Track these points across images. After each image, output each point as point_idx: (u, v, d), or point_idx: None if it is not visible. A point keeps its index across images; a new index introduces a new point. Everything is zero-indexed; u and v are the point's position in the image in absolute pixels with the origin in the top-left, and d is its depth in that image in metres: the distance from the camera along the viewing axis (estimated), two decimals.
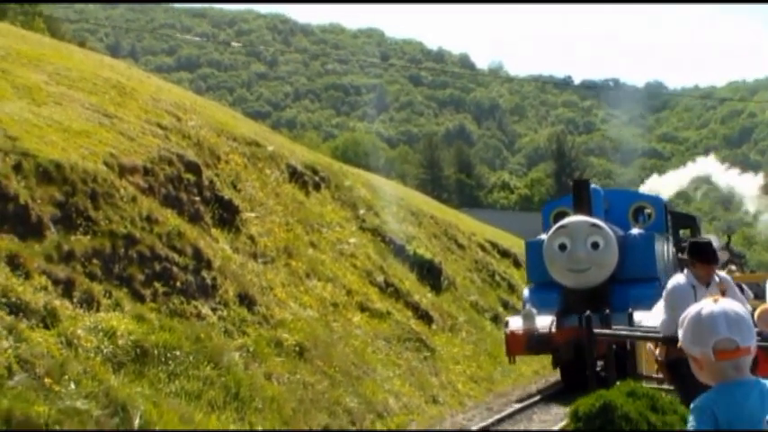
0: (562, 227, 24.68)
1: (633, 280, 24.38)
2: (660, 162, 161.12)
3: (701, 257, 13.82)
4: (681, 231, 34.58)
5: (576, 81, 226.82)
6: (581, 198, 24.95)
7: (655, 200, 30.88)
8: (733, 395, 4.46)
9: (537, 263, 25.74)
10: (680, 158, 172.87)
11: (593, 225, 24.31)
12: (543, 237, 25.83)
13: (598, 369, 22.44)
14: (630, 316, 22.02)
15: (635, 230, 26.97)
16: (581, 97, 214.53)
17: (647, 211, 29.21)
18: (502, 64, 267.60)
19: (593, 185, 27.13)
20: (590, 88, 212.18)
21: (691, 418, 4.51)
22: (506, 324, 25.37)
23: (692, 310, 4.74)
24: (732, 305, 4.76)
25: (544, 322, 23.81)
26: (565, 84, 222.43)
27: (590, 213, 24.66)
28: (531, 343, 23.95)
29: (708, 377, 4.59)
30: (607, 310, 21.42)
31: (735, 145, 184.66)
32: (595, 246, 24.03)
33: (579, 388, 20.25)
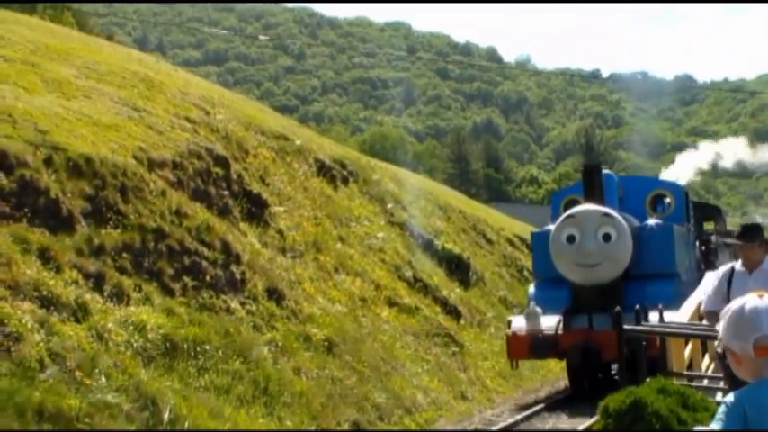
0: (570, 216, 22.33)
1: (650, 276, 22.34)
2: None
3: (737, 236, 13.75)
4: (704, 224, 32.40)
5: (605, 74, 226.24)
6: (592, 184, 22.61)
7: (674, 187, 27.74)
8: (765, 392, 4.43)
9: (543, 256, 23.40)
10: None
11: (605, 215, 21.96)
12: (551, 227, 23.41)
13: (613, 372, 22.22)
14: (639, 314, 18.51)
15: (652, 221, 24.29)
16: (609, 90, 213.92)
17: (667, 199, 26.26)
18: (529, 57, 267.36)
19: (606, 171, 24.80)
20: (618, 81, 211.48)
21: (719, 411, 4.49)
22: (509, 324, 23.13)
23: (735, 303, 4.69)
24: None
25: (550, 323, 21.79)
26: (593, 77, 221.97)
27: (602, 202, 22.40)
28: (535, 345, 21.87)
29: (745, 373, 4.56)
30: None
31: (765, 138, 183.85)
32: (607, 238, 21.69)
33: (588, 394, 20.54)
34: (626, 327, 17.81)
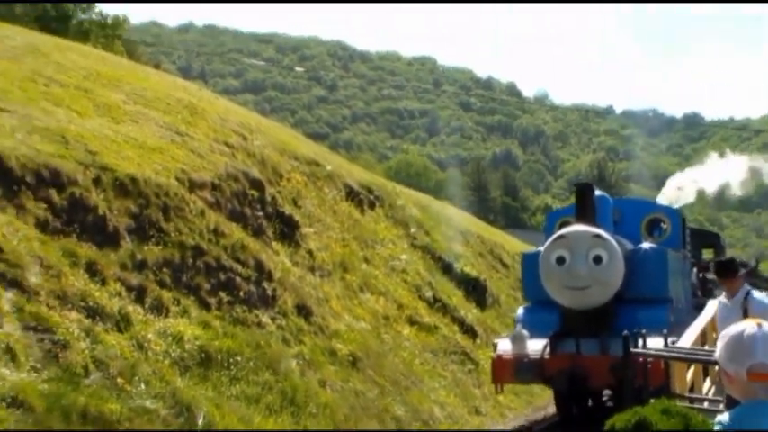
0: (561, 237, 20.44)
1: (642, 300, 20.39)
2: None
3: (716, 273, 14.10)
4: (703, 251, 30.28)
5: (618, 110, 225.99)
6: (584, 205, 20.81)
7: (671, 212, 25.81)
8: (760, 414, 4.52)
9: (533, 278, 21.18)
10: None
11: (596, 236, 20.01)
12: (542, 248, 21.32)
13: (604, 398, 21.53)
14: (627, 339, 17.19)
15: (646, 244, 22.41)
16: (621, 126, 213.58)
17: (663, 224, 24.54)
18: (547, 93, 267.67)
19: (601, 193, 22.56)
20: (630, 117, 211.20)
21: (715, 429, 4.60)
22: (495, 347, 21.11)
23: (733, 329, 4.79)
24: None
25: (536, 346, 19.79)
26: (606, 113, 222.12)
27: (594, 223, 20.50)
28: (520, 370, 19.84)
29: (737, 393, 4.68)
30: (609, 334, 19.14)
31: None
32: (598, 260, 19.70)
33: (576, 421, 20.17)
34: (638, 351, 17.41)
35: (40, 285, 14.76)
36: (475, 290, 32.33)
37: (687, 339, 17.17)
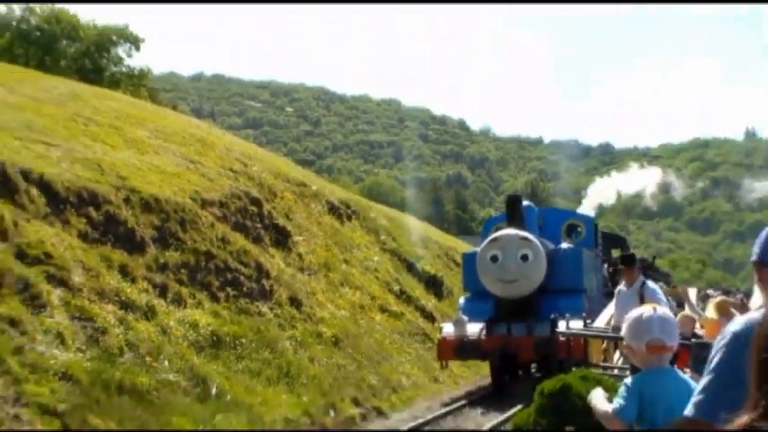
0: (494, 239, 20.30)
1: (561, 291, 20.34)
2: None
3: (622, 264, 14.39)
4: (612, 250, 29.96)
5: (546, 140, 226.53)
6: (513, 213, 20.75)
7: (586, 218, 25.98)
8: (656, 378, 4.64)
9: (472, 273, 21.09)
10: (624, 200, 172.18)
11: (523, 238, 20.02)
12: (478, 249, 21.34)
13: (532, 370, 21.40)
14: (553, 323, 18.31)
15: (564, 245, 22.58)
16: (549, 153, 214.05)
17: (579, 228, 24.48)
18: (490, 126, 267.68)
19: (527, 203, 22.70)
20: (556, 146, 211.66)
21: (621, 389, 4.73)
22: (440, 330, 21.03)
23: (634, 312, 4.91)
24: (666, 313, 4.94)
25: (474, 329, 19.74)
26: (537, 143, 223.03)
27: (522, 227, 20.41)
28: (461, 349, 19.91)
29: (639, 362, 4.79)
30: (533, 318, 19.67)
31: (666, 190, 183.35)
32: (525, 258, 19.80)
33: (507, 390, 19.88)
34: (562, 331, 17.54)
35: (83, 284, 14.81)
36: (433, 284, 32.29)
37: (601, 321, 17.24)
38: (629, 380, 4.81)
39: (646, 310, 4.95)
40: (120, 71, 47.82)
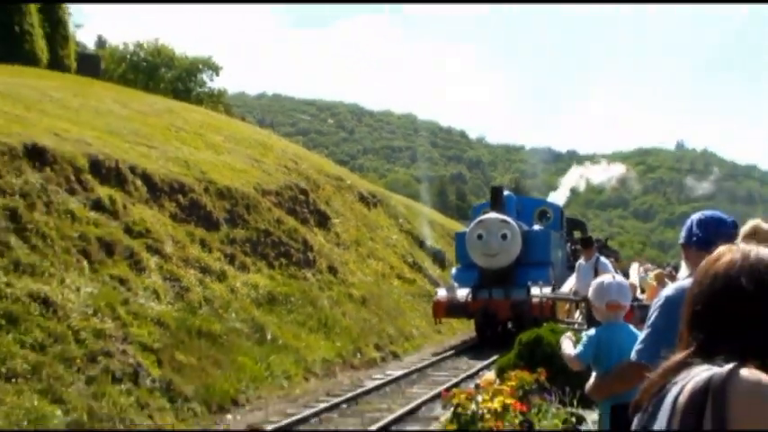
0: (480, 222, 19.92)
1: (533, 263, 20.00)
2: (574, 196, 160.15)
3: (581, 244, 14.55)
4: (574, 232, 28.84)
5: (527, 147, 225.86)
6: (496, 200, 20.36)
7: (554, 206, 25.41)
8: (612, 330, 4.64)
9: (462, 249, 20.73)
10: (585, 195, 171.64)
11: (503, 221, 19.62)
12: (467, 229, 21.14)
13: (510, 326, 20.17)
14: (528, 289, 18.50)
15: (536, 227, 22.08)
16: (529, 157, 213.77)
17: (548, 214, 23.75)
18: (484, 135, 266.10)
19: (507, 193, 22.44)
20: (535, 152, 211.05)
21: (583, 339, 4.74)
22: (436, 293, 20.75)
23: (598, 279, 4.98)
24: (622, 280, 5.04)
25: (463, 293, 19.38)
26: (520, 149, 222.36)
27: (503, 212, 20.03)
28: (451, 309, 19.54)
29: (600, 317, 4.83)
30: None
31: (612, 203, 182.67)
32: (504, 237, 19.41)
33: (489, 341, 19.19)
34: (535, 294, 18.08)
35: (173, 253, 14.88)
36: (438, 258, 32.18)
37: (566, 287, 17.11)
38: (591, 331, 4.80)
39: (607, 277, 5.03)
40: (204, 91, 48.00)
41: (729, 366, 1.49)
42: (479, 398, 6.97)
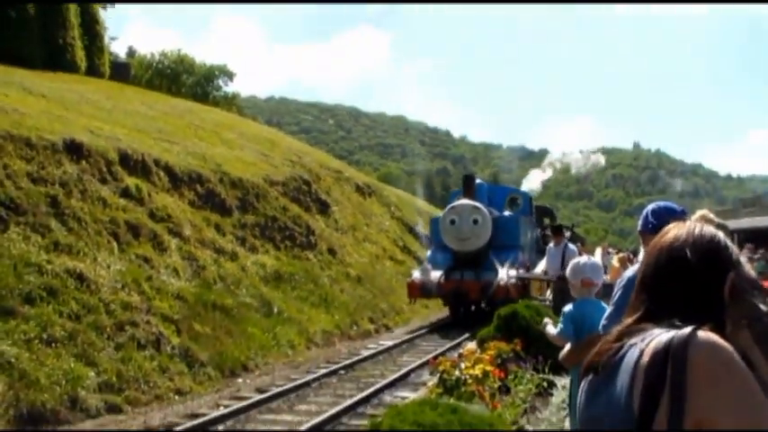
0: (453, 207, 18.61)
1: (503, 247, 18.60)
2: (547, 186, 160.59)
3: (552, 232, 14.42)
4: (544, 219, 27.40)
5: (504, 146, 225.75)
6: (468, 187, 19.05)
7: (523, 193, 24.06)
8: (586, 305, 4.63)
9: (437, 233, 19.16)
10: (554, 188, 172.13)
11: (474, 207, 18.27)
12: (441, 214, 19.86)
13: (483, 306, 19.19)
14: (497, 272, 17.45)
15: (506, 213, 20.81)
16: (507, 155, 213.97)
17: (518, 201, 22.32)
18: (466, 134, 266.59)
19: (479, 181, 20.93)
20: (512, 150, 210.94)
21: (563, 315, 4.70)
22: (411, 274, 19.07)
23: (575, 260, 4.98)
24: (594, 260, 5.09)
25: (436, 275, 17.99)
26: (498, 147, 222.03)
27: (474, 199, 18.67)
28: (425, 289, 18.06)
29: (576, 294, 4.80)
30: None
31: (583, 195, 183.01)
32: (475, 222, 18.06)
33: (461, 321, 18.21)
34: (511, 275, 17.28)
35: (191, 235, 14.80)
36: (425, 242, 32.13)
37: (538, 269, 17.02)
38: (567, 308, 4.74)
39: (582, 258, 5.07)
40: (219, 95, 47.92)
41: (689, 329, 1.49)
42: (462, 365, 6.95)
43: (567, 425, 6.18)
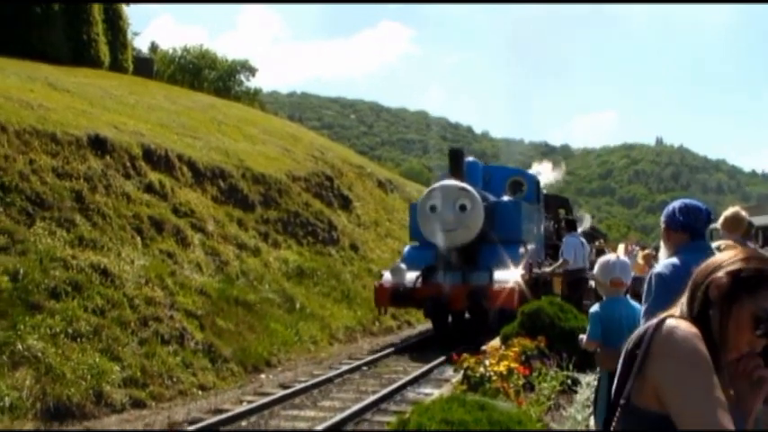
0: (433, 189, 14.58)
1: (500, 241, 14.54)
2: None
3: (571, 228, 14.04)
4: (559, 211, 22.80)
5: (527, 141, 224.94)
6: (454, 165, 14.97)
7: (528, 176, 18.73)
8: (614, 303, 4.61)
9: (416, 223, 14.96)
10: (576, 184, 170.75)
11: (462, 189, 14.21)
12: None
13: (467, 316, 15.39)
14: (491, 273, 13.37)
15: (505, 198, 16.23)
16: (528, 150, 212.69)
17: (522, 185, 17.64)
18: (488, 130, 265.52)
19: (472, 159, 16.98)
20: (532, 145, 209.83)
21: (590, 315, 4.67)
22: (380, 277, 14.79)
23: (603, 258, 4.95)
24: (624, 259, 5.03)
25: (412, 277, 13.97)
26: (520, 143, 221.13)
27: (462, 179, 14.56)
28: (396, 296, 13.93)
29: (604, 293, 4.80)
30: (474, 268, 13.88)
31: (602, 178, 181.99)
32: (463, 208, 14.03)
33: (448, 336, 14.61)
34: (534, 270, 15.23)
35: (214, 231, 14.85)
36: None
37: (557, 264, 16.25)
38: (594, 308, 4.71)
39: (611, 256, 4.99)
40: (242, 90, 48.06)
41: (663, 316, 1.91)
42: (487, 362, 6.90)
43: (591, 423, 6.12)
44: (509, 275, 13.29)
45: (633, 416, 1.89)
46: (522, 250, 14.76)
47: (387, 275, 14.40)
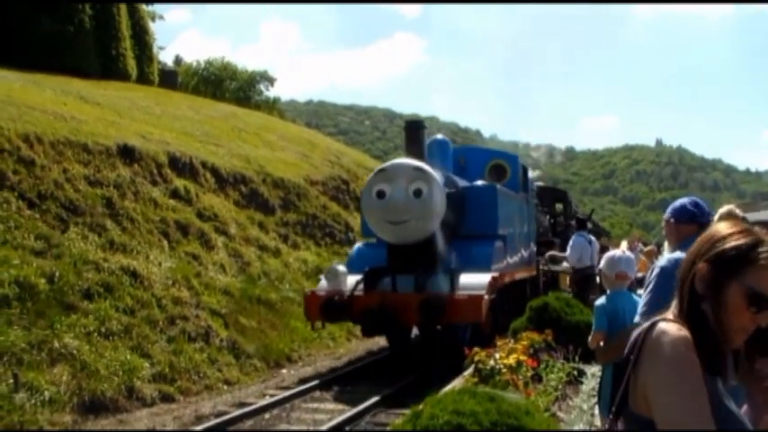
0: (382, 170, 10.53)
1: (472, 237, 11.04)
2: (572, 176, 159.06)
3: (579, 225, 13.81)
4: (556, 204, 20.73)
5: (533, 144, 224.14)
6: (411, 141, 11.08)
7: (511, 158, 14.23)
8: (618, 296, 4.62)
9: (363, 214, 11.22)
10: (581, 184, 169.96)
11: (417, 168, 10.27)
12: None
13: (414, 335, 11.80)
14: (452, 278, 9.75)
15: (479, 182, 12.41)
16: (533, 152, 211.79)
17: (506, 170, 13.63)
18: (496, 133, 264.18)
19: (441, 137, 13.02)
20: (538, 148, 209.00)
21: (595, 309, 4.66)
22: (319, 283, 10.98)
23: (609, 253, 4.94)
24: (629, 254, 5.00)
25: (352, 282, 10.18)
26: (526, 145, 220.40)
27: (421, 158, 10.67)
28: (327, 308, 10.00)
29: (609, 287, 4.77)
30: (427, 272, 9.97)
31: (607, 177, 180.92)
32: (418, 193, 10.07)
33: (405, 357, 11.08)
34: (543, 267, 15.19)
35: (236, 233, 14.89)
36: None
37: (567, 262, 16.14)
38: (599, 301, 4.71)
39: (617, 251, 5.00)
40: (261, 99, 48.20)
41: (655, 319, 1.86)
42: (497, 355, 6.90)
43: (596, 412, 6.11)
44: (478, 280, 9.90)
45: (630, 420, 1.86)
46: (497, 248, 11.24)
47: (322, 282, 10.76)
